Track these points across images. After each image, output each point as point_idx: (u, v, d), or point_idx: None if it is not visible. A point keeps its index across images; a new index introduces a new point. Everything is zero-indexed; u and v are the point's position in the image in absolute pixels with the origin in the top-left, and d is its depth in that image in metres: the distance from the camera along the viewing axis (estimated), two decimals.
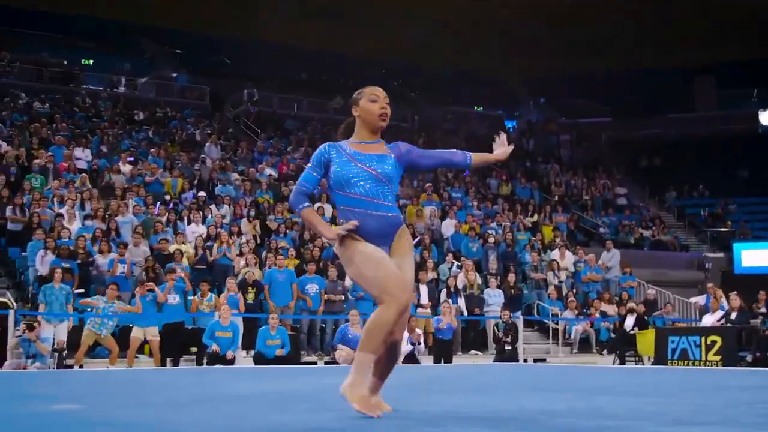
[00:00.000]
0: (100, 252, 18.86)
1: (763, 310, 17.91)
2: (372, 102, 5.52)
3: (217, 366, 15.79)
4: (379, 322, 4.89)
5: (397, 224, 5.29)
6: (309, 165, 5.44)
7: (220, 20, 37.24)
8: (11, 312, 16.11)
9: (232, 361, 16.26)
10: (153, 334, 16.81)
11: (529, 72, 43.91)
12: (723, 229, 33.38)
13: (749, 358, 17.40)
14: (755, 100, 41.83)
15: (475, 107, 42.67)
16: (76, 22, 35.61)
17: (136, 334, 16.69)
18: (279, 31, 38.11)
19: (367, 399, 4.97)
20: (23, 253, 19.08)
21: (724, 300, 19.46)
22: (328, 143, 5.55)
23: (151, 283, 17.38)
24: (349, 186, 5.26)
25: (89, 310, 16.80)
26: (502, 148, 5.79)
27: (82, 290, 17.44)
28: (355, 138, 5.56)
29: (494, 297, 21.21)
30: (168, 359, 16.93)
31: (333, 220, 18.41)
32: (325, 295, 19.14)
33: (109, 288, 17.00)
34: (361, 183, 5.27)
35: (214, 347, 16.18)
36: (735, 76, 40.81)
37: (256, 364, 16.54)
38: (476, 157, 5.67)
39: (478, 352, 20.79)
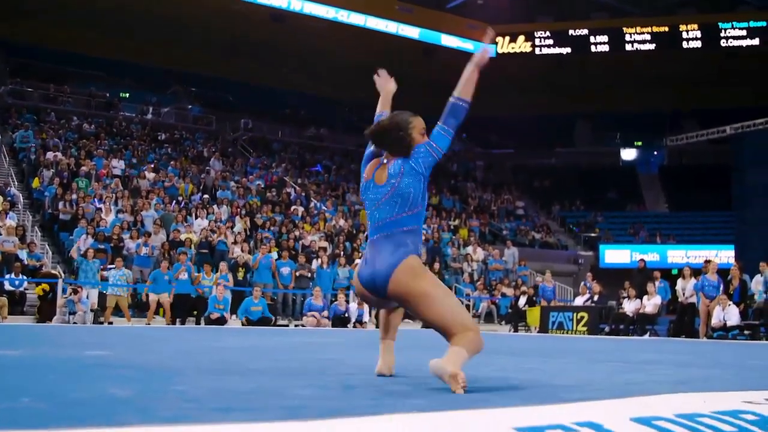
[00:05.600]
0: (130, 237, 18.76)
1: (625, 295, 18.12)
2: (422, 136, 3.93)
3: (213, 326, 15.74)
4: (479, 346, 3.63)
5: None
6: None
7: (226, 67, 37.12)
8: (60, 281, 16.09)
9: (224, 322, 16.24)
10: (165, 299, 16.75)
11: None
12: (593, 235, 33.78)
13: (606, 329, 17.70)
14: (618, 141, 42.45)
15: None
16: (118, 65, 35.36)
17: (153, 298, 16.64)
18: (269, 78, 38.04)
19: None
20: (71, 237, 18.91)
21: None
22: None
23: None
24: (425, 201, 3.92)
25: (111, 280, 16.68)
26: (479, 54, 4.04)
27: (113, 266, 17.28)
28: None
29: None
30: (177, 320, 16.84)
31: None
32: (296, 274, 19.17)
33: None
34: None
35: (213, 315, 16.20)
36: (604, 122, 41.39)
37: (243, 325, 16.51)
38: (465, 87, 3.96)
39: (410, 321, 20.85)
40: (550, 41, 38.48)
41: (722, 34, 36.77)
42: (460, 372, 3.29)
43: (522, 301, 20.37)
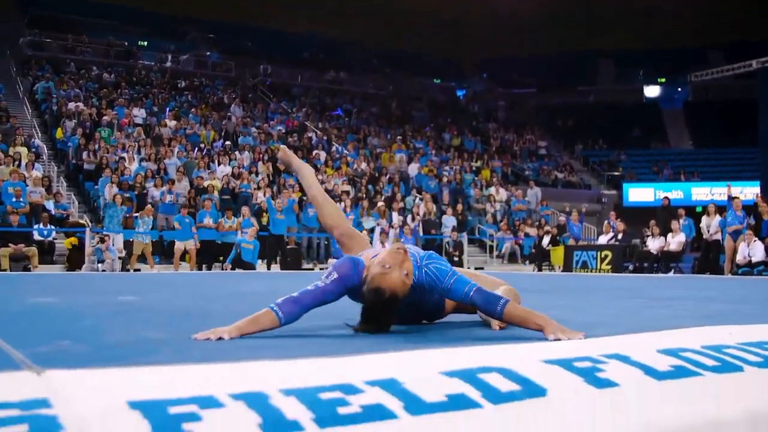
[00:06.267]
0: (154, 186, 18.88)
1: (649, 233, 18.06)
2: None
3: (241, 270, 15.91)
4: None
5: None
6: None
7: (244, 12, 36.89)
8: (87, 230, 16.30)
9: (252, 268, 16.42)
10: (190, 246, 16.93)
11: (476, 54, 43.75)
12: (616, 173, 33.59)
13: (631, 267, 17.70)
14: (641, 78, 41.83)
15: (435, 80, 42.47)
16: (135, 13, 35.26)
17: (178, 246, 16.81)
18: (286, 22, 37.77)
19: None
20: (95, 187, 19.10)
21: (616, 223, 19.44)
22: None
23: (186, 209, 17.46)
24: None
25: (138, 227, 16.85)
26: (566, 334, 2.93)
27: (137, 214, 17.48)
28: None
29: (449, 221, 21.35)
30: (203, 265, 17.04)
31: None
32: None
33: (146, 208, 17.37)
34: None
35: (238, 251, 16.34)
36: (627, 60, 40.80)
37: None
38: (515, 314, 3.18)
39: None
40: None
41: None
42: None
43: (545, 240, 20.38)
